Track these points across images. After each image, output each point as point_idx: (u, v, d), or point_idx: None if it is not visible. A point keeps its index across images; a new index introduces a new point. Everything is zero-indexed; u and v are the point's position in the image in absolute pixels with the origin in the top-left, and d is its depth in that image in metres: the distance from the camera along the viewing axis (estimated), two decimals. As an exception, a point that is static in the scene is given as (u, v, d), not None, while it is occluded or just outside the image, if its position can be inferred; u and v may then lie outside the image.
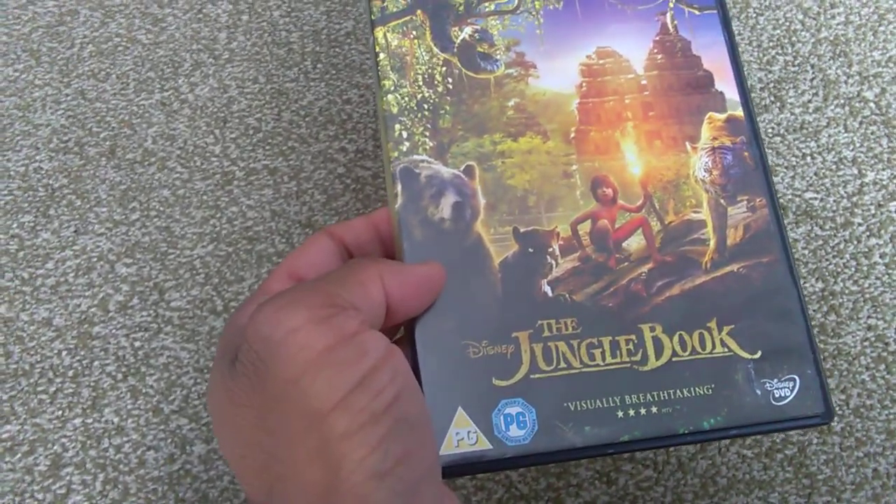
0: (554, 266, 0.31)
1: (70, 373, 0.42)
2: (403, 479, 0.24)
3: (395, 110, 0.32)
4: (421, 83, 0.33)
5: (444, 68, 0.33)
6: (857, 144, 0.48)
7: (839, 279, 0.44)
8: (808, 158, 0.48)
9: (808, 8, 0.53)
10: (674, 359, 0.30)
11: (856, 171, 0.47)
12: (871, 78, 0.50)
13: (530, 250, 0.31)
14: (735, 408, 0.30)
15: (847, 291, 0.44)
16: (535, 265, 0.31)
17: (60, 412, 0.41)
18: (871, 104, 0.49)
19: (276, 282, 0.28)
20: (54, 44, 0.53)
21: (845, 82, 0.50)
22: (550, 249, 0.31)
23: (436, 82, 0.33)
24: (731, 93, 0.34)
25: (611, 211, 0.32)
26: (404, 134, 0.32)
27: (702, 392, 0.30)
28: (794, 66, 0.51)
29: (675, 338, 0.30)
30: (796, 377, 0.31)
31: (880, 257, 0.44)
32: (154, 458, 0.40)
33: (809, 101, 0.49)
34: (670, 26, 0.35)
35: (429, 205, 0.31)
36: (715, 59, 0.35)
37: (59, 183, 0.48)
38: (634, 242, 0.32)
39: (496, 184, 0.32)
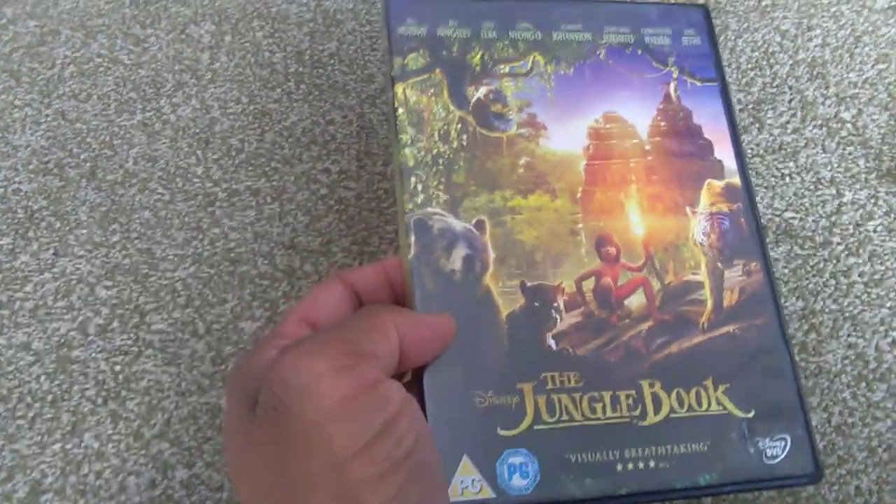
0: (558, 320, 0.32)
1: (49, 397, 0.42)
2: None
3: (411, 163, 0.33)
4: (437, 138, 0.34)
5: (459, 125, 0.34)
6: (835, 165, 0.49)
7: (819, 298, 0.44)
8: (787, 178, 0.48)
9: (785, 30, 0.54)
10: (671, 415, 0.31)
11: (834, 191, 0.48)
12: (848, 99, 0.51)
13: (536, 304, 0.32)
14: (729, 465, 0.31)
15: (827, 310, 0.44)
16: (541, 319, 0.32)
17: (39, 437, 0.41)
18: (849, 125, 0.50)
19: (290, 326, 0.29)
20: (35, 64, 0.53)
21: (823, 103, 0.51)
22: (555, 304, 0.32)
23: (451, 138, 0.34)
24: (730, 161, 0.36)
25: (614, 269, 0.33)
26: (419, 186, 0.33)
27: (698, 448, 0.31)
28: (772, 87, 0.52)
29: (673, 394, 0.31)
30: (787, 437, 0.32)
31: (859, 276, 0.45)
32: (135, 484, 0.40)
33: (788, 122, 0.50)
34: (673, 96, 0.37)
35: (441, 256, 0.32)
36: (715, 129, 0.36)
37: (39, 205, 0.47)
38: (635, 300, 0.33)
39: (506, 238, 0.33)
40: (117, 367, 0.43)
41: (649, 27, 0.37)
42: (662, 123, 0.36)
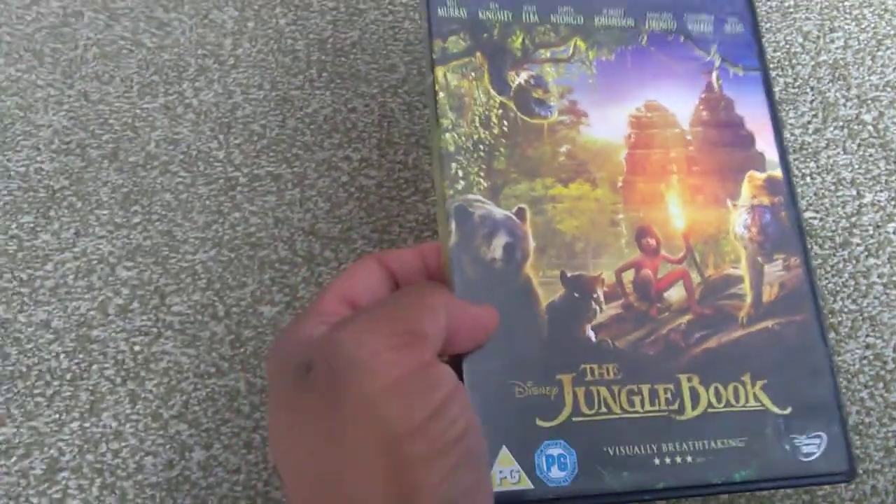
0: (598, 312, 0.31)
1: (68, 376, 0.42)
2: None
3: (451, 149, 0.33)
4: (478, 124, 0.33)
5: (500, 111, 0.34)
6: (856, 166, 0.49)
7: (838, 298, 0.44)
8: (808, 179, 0.48)
9: (807, 32, 0.54)
10: (709, 410, 0.31)
11: (854, 193, 0.48)
12: (869, 101, 0.51)
13: (576, 295, 0.31)
14: (765, 461, 0.30)
15: (846, 310, 0.44)
16: (581, 310, 0.31)
17: (57, 416, 0.41)
18: (870, 127, 0.50)
19: (329, 303, 0.29)
20: (58, 45, 0.53)
21: (844, 105, 0.51)
22: (595, 295, 0.32)
23: (492, 124, 0.33)
24: (771, 154, 0.35)
25: (654, 261, 0.33)
26: (460, 173, 0.32)
27: (734, 444, 0.31)
28: (794, 87, 0.52)
29: (711, 389, 0.31)
30: (823, 434, 0.31)
31: (878, 277, 0.45)
32: (152, 464, 0.40)
33: (809, 123, 0.50)
34: (715, 85, 0.36)
35: (481, 244, 0.31)
36: (757, 120, 0.36)
37: (60, 184, 0.47)
38: (675, 294, 0.32)
39: (546, 228, 0.32)
40: (137, 348, 0.43)
41: (692, 13, 0.36)
42: (704, 113, 0.35)
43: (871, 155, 0.49)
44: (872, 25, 0.54)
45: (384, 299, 0.29)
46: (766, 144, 0.35)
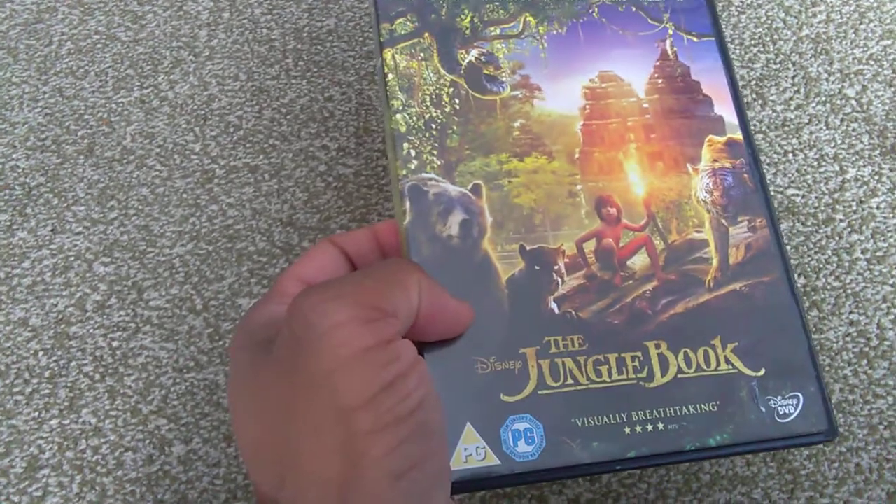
0: (560, 283, 0.31)
1: (47, 373, 0.42)
2: (417, 483, 0.24)
3: (403, 129, 0.33)
4: (429, 103, 0.33)
5: (451, 89, 0.34)
6: (839, 141, 0.48)
7: (821, 275, 0.44)
8: (790, 155, 0.48)
9: (789, 6, 0.53)
10: (679, 375, 0.30)
11: (837, 168, 0.47)
12: (852, 76, 0.50)
13: (536, 268, 0.31)
14: (740, 424, 0.30)
15: (829, 287, 0.44)
16: (542, 282, 0.31)
17: (37, 413, 0.41)
18: (853, 101, 0.49)
19: (288, 285, 0.29)
20: (32, 41, 0.52)
21: (826, 80, 0.50)
22: (556, 267, 0.31)
23: (443, 102, 0.33)
24: (730, 116, 0.35)
25: (615, 230, 0.32)
26: (412, 152, 0.32)
27: (707, 409, 0.30)
28: (775, 63, 0.51)
29: (681, 355, 0.31)
30: (799, 394, 0.31)
31: (862, 253, 0.45)
32: (132, 460, 0.40)
33: (791, 99, 0.50)
34: (670, 52, 0.36)
35: (437, 222, 0.31)
36: (713, 84, 0.35)
37: (37, 181, 0.47)
38: (639, 261, 0.32)
39: (503, 202, 0.32)
40: (115, 344, 0.42)
41: None
42: (660, 81, 0.35)
43: (854, 130, 0.48)
44: (855, -2, 0.53)
45: (357, 272, 0.29)
46: (724, 108, 0.35)
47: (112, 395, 0.41)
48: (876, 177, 0.47)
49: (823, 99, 0.50)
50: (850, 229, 0.45)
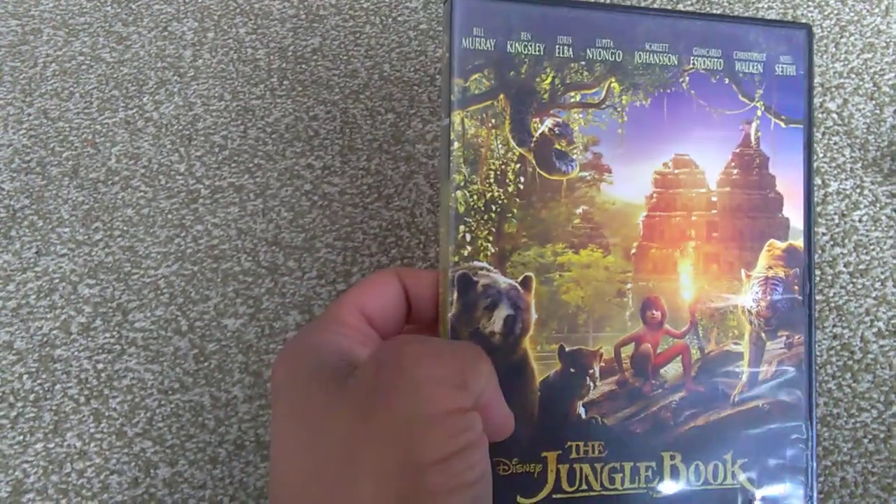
0: (592, 388, 0.31)
1: (31, 397, 0.42)
2: None
3: (461, 210, 0.30)
4: (492, 180, 0.31)
5: (517, 165, 0.31)
6: (821, 155, 0.48)
7: (805, 289, 0.44)
8: (773, 169, 0.48)
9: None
10: (686, 488, 0.31)
11: (819, 182, 0.47)
12: (833, 89, 0.51)
13: (572, 370, 0.31)
14: None
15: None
16: (574, 386, 0.30)
17: (21, 437, 0.41)
18: (834, 115, 0.50)
19: (346, 312, 0.28)
20: (16, 63, 0.52)
21: (808, 93, 0.51)
22: (591, 371, 0.31)
23: (507, 181, 0.31)
24: (797, 220, 0.33)
25: (655, 335, 0.32)
26: (468, 237, 0.30)
27: None
28: (757, 77, 0.51)
29: (692, 467, 0.31)
30: None
31: (844, 266, 0.45)
32: (117, 483, 0.39)
33: (773, 113, 0.50)
34: (753, 139, 0.33)
35: (482, 316, 0.30)
36: (789, 182, 0.33)
37: (21, 204, 0.47)
38: (672, 370, 0.31)
39: (550, 299, 0.31)
40: (100, 366, 0.42)
41: (742, 51, 0.33)
42: (735, 171, 0.33)
43: (835, 143, 0.49)
44: (835, 12, 0.54)
45: (445, 340, 0.29)
46: (793, 209, 0.33)
47: (97, 417, 0.41)
48: (858, 190, 0.47)
49: (805, 113, 0.50)
50: (832, 242, 0.46)
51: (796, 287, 0.33)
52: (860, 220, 0.46)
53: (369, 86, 0.51)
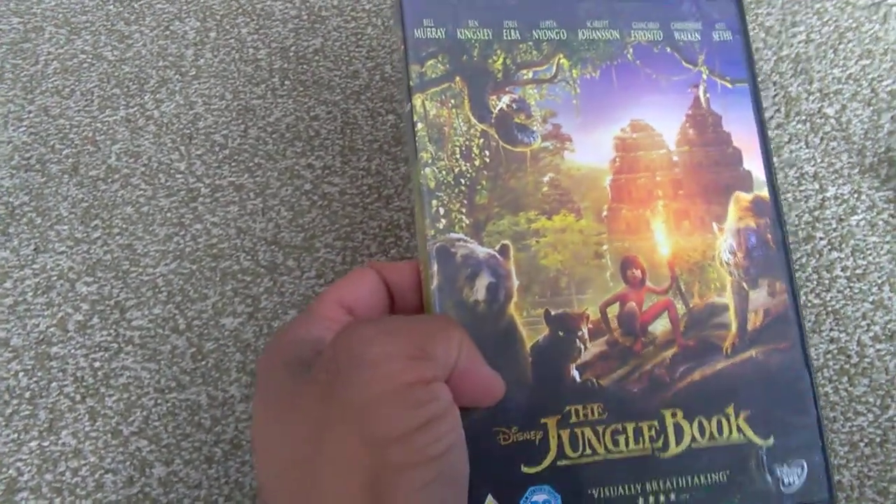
0: (583, 350, 0.31)
1: (27, 394, 0.41)
2: None
3: (432, 185, 0.31)
4: (458, 156, 0.32)
5: (481, 140, 0.32)
6: (819, 160, 0.49)
7: (802, 292, 0.44)
8: (771, 174, 0.48)
9: (769, 26, 0.54)
10: (692, 445, 0.30)
11: (817, 186, 0.48)
12: (831, 95, 0.51)
13: (560, 334, 0.31)
14: (747, 494, 0.30)
15: (810, 305, 0.44)
16: (565, 349, 0.31)
17: (16, 435, 0.40)
18: (832, 120, 0.50)
19: (327, 307, 0.29)
20: (18, 60, 0.52)
21: (806, 99, 0.51)
22: (580, 333, 0.31)
23: (473, 155, 0.32)
24: (758, 172, 0.34)
25: (639, 293, 0.32)
26: (441, 210, 0.31)
27: (718, 479, 0.30)
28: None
29: (695, 424, 0.31)
30: (805, 463, 0.31)
31: (842, 270, 0.45)
32: (112, 482, 0.39)
33: (772, 118, 0.50)
34: (703, 100, 0.35)
35: (464, 286, 0.30)
36: (744, 136, 0.35)
37: (20, 201, 0.47)
38: (660, 326, 0.32)
39: (530, 264, 0.31)
40: (96, 364, 0.42)
41: (678, 21, 0.35)
42: (691, 131, 0.34)
43: (833, 148, 0.49)
44: (834, 18, 0.54)
45: (404, 316, 0.29)
46: (753, 162, 0.34)
47: (92, 416, 0.41)
48: (855, 195, 0.47)
49: (803, 118, 0.50)
50: (829, 247, 0.46)
51: (769, 236, 0.34)
52: (857, 225, 0.46)
53: (370, 87, 0.51)
